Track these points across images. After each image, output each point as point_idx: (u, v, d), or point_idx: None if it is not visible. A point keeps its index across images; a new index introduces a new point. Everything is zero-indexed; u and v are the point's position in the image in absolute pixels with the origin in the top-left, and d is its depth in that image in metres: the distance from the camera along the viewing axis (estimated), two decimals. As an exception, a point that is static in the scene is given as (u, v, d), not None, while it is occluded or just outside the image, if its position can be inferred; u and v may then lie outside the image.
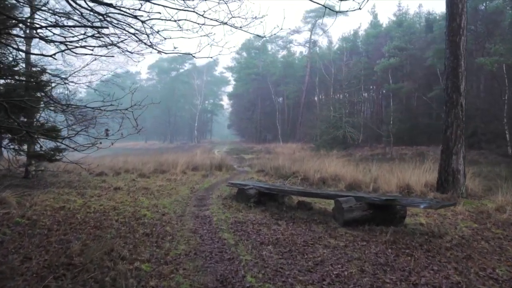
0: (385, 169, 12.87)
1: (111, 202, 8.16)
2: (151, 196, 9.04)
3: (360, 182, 10.34)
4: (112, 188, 10.37)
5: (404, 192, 8.43)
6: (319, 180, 10.98)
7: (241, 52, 57.74)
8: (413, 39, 35.72)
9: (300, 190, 6.93)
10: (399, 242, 4.91)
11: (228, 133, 76.86)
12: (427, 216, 6.53)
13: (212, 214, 6.98)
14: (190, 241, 5.10)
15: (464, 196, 7.96)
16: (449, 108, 8.08)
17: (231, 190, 9.35)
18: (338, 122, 37.13)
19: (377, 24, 42.16)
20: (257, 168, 16.32)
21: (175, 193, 9.66)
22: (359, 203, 5.73)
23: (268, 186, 7.75)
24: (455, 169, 8.02)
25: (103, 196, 9.01)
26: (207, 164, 17.22)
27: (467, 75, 8.00)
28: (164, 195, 9.26)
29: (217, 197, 9.06)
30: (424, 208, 5.35)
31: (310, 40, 47.74)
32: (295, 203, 7.78)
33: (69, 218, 6.42)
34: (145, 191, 9.76)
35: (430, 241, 4.96)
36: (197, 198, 8.97)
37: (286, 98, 51.23)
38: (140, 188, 10.28)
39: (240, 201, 7.83)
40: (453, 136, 8.05)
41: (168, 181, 12.01)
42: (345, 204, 5.66)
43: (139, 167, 16.33)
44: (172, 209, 7.44)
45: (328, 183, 10.84)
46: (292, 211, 7.08)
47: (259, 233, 5.45)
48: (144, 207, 7.51)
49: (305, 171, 12.44)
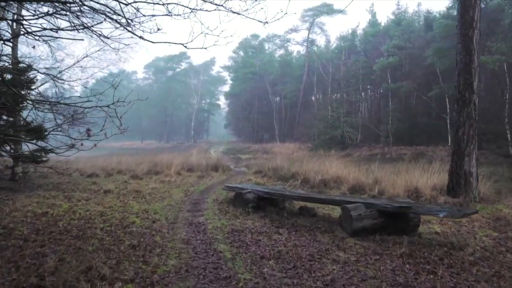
0: (388, 170, 12.35)
1: (99, 207, 7.59)
2: (142, 200, 8.47)
3: (363, 185, 9.81)
4: (102, 191, 9.79)
5: (413, 196, 7.90)
6: (320, 183, 10.45)
7: (238, 51, 57.17)
8: (412, 38, 35.29)
9: (303, 195, 6.38)
10: (416, 255, 4.37)
11: (225, 133, 76.29)
12: (441, 224, 6.01)
13: (207, 221, 6.43)
14: (181, 254, 4.54)
15: (476, 201, 7.46)
16: (461, 107, 7.55)
17: (228, 193, 8.80)
18: (336, 122, 36.67)
19: (376, 23, 41.74)
20: (255, 169, 15.77)
21: (168, 197, 9.09)
22: (369, 211, 5.20)
23: (267, 190, 7.19)
24: (467, 172, 7.50)
25: (91, 200, 8.43)
26: (203, 164, 16.66)
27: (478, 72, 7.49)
28: (156, 199, 8.69)
29: (212, 201, 8.50)
30: (443, 217, 4.82)
31: (308, 39, 47.24)
32: (296, 208, 7.24)
33: (50, 226, 5.85)
34: (137, 195, 9.18)
35: (450, 254, 4.42)
36: (191, 202, 8.41)
37: (283, 97, 50.73)
38: (131, 191, 9.71)
39: (238, 206, 7.28)
40: (465, 137, 7.53)
41: (162, 183, 11.43)
42: (353, 211, 5.12)
43: (133, 168, 15.75)
44: (163, 215, 6.88)
45: (330, 186, 10.31)
46: (293, 217, 6.54)
47: (258, 244, 4.90)
48: (133, 213, 6.95)
49: (305, 172, 11.91)
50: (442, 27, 27.79)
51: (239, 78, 55.71)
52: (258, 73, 52.53)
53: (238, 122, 57.29)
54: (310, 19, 45.83)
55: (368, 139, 38.51)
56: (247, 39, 56.01)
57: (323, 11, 44.61)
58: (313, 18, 45.60)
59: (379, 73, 35.68)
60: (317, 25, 46.59)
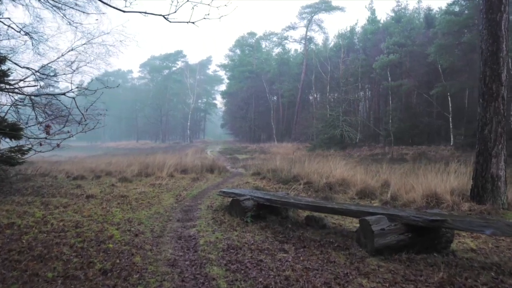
0: (396, 171, 11.51)
1: (77, 215, 6.65)
2: (127, 207, 7.53)
3: (372, 189, 8.92)
4: (84, 195, 8.84)
5: (432, 203, 7.01)
6: (325, 186, 9.53)
7: (235, 49, 56.23)
8: (413, 35, 34.46)
9: (311, 204, 5.47)
10: (459, 283, 3.47)
11: (221, 133, 75.45)
12: (473, 237, 5.12)
13: (199, 233, 5.51)
14: (164, 282, 3.62)
15: (505, 207, 6.58)
16: (487, 102, 6.66)
17: (224, 198, 7.88)
18: (335, 121, 35.80)
19: (375, 20, 40.92)
20: (253, 171, 14.85)
21: (157, 203, 8.16)
22: (393, 224, 4.30)
23: (268, 196, 6.27)
24: (495, 175, 6.62)
25: (70, 207, 7.48)
26: (198, 166, 15.74)
27: (506, 61, 6.61)
28: (143, 206, 7.75)
29: (206, 208, 7.57)
30: (491, 235, 3.93)
31: (306, 36, 46.32)
32: (302, 217, 6.35)
33: (11, 242, 4.91)
34: (122, 200, 8.23)
35: (501, 282, 3.53)
36: (182, 210, 7.48)
37: (281, 96, 49.84)
38: (117, 196, 8.76)
39: (235, 215, 6.36)
40: (492, 135, 6.65)
41: (152, 187, 10.48)
42: (375, 225, 4.22)
43: (123, 169, 14.83)
44: (149, 226, 5.96)
45: (336, 189, 9.41)
46: (299, 229, 5.63)
47: (260, 267, 3.99)
48: (114, 224, 6.02)
49: (308, 174, 11.01)
50: (444, 23, 26.94)
51: (235, 77, 54.78)
52: (255, 72, 51.60)
53: (235, 121, 56.29)
54: (308, 16, 44.92)
55: (367, 138, 37.70)
56: (243, 37, 55.08)
57: (321, 8, 43.72)
58: (311, 15, 44.67)
59: (379, 71, 34.84)
60: (315, 22, 45.69)
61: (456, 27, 26.30)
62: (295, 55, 53.73)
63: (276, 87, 49.15)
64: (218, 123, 75.45)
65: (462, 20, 25.69)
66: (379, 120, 38.58)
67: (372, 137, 38.16)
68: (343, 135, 34.89)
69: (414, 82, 32.12)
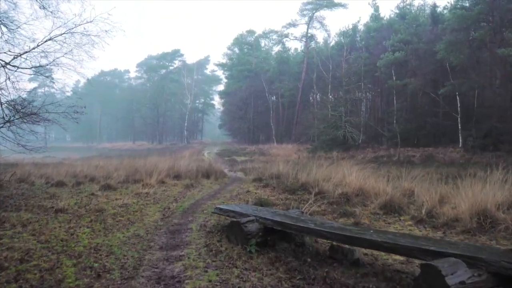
0: (418, 177, 9.96)
1: (32, 240, 5.18)
2: (100, 227, 6.03)
3: (398, 201, 7.41)
4: (54, 209, 7.33)
5: (485, 222, 5.53)
6: (340, 197, 8.06)
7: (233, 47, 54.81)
8: (419, 32, 33.09)
9: (339, 231, 3.98)
10: None
11: (219, 133, 74.08)
12: None
13: (186, 272, 4.03)
14: None
15: None
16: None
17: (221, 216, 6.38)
18: (337, 122, 34.35)
19: (378, 17, 39.56)
20: (254, 176, 13.39)
21: (138, 220, 6.65)
22: (476, 274, 2.83)
23: (279, 218, 4.78)
24: None
25: (30, 226, 6.00)
26: (193, 170, 14.28)
27: None
28: (120, 225, 6.26)
29: (199, 228, 6.08)
30: None
31: (307, 34, 44.89)
32: (323, 243, 4.89)
33: None
34: (96, 217, 6.72)
35: None
36: (168, 230, 5.99)
37: (280, 96, 48.42)
38: (92, 210, 7.25)
39: (234, 241, 4.89)
40: None
41: (137, 197, 8.96)
42: (450, 276, 2.75)
43: (110, 174, 13.34)
44: (120, 259, 4.47)
45: (353, 201, 7.93)
46: (323, 264, 4.16)
47: None
48: (74, 255, 4.53)
49: (317, 182, 9.56)
50: (454, 18, 25.55)
51: (234, 76, 53.35)
52: (254, 71, 50.17)
53: (233, 122, 54.79)
54: (309, 13, 43.44)
55: (371, 140, 36.31)
56: (242, 35, 53.65)
57: (323, 4, 42.30)
58: (312, 12, 43.20)
59: (384, 69, 33.48)
60: (316, 19, 44.20)
61: (467, 22, 24.90)
62: (295, 54, 52.33)
63: (276, 87, 47.73)
64: (216, 124, 74.09)
65: (474, 15, 24.31)
66: (383, 120, 37.21)
67: (375, 138, 36.77)
68: (346, 136, 33.47)
69: (420, 81, 30.70)
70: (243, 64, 51.52)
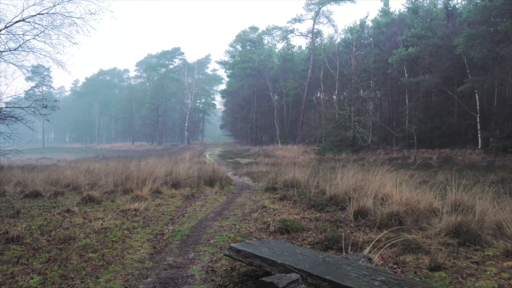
0: (465, 187, 7.87)
1: None
2: (58, 273, 4.08)
3: (467, 224, 5.46)
4: (5, 238, 5.39)
5: None
6: (388, 218, 6.09)
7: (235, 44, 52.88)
8: (433, 26, 31.11)
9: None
10: None
11: (220, 134, 72.23)
12: None
13: None
14: None
15: None
16: None
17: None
18: (347, 122, 32.39)
19: (388, 11, 37.58)
20: (264, 183, 11.49)
21: (117, 259, 4.68)
22: None
23: (346, 280, 2.85)
24: None
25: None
26: (194, 176, 12.38)
27: None
28: (88, 268, 4.30)
29: (205, 275, 4.12)
30: None
31: (313, 29, 42.88)
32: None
33: None
34: (57, 253, 4.74)
35: None
36: (159, 279, 4.04)
37: (285, 95, 46.44)
38: (56, 240, 5.30)
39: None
40: None
41: (123, 216, 7.00)
42: None
43: (97, 181, 11.39)
44: None
45: (406, 224, 5.97)
46: None
47: None
48: None
49: (348, 194, 7.64)
50: (476, 10, 23.56)
51: (236, 74, 51.39)
52: (257, 69, 48.22)
53: (235, 122, 52.77)
54: (316, 7, 41.36)
55: (382, 141, 34.33)
56: (245, 32, 51.72)
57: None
58: (319, 7, 41.14)
59: (396, 66, 31.49)
60: (323, 14, 42.14)
61: (491, 13, 22.92)
62: (300, 51, 50.37)
63: (280, 85, 45.75)
64: (217, 124, 72.23)
65: (499, 5, 22.32)
66: (394, 120, 35.24)
67: (387, 139, 34.79)
68: (355, 137, 31.53)
69: (436, 78, 28.70)
70: (245, 61, 49.56)
